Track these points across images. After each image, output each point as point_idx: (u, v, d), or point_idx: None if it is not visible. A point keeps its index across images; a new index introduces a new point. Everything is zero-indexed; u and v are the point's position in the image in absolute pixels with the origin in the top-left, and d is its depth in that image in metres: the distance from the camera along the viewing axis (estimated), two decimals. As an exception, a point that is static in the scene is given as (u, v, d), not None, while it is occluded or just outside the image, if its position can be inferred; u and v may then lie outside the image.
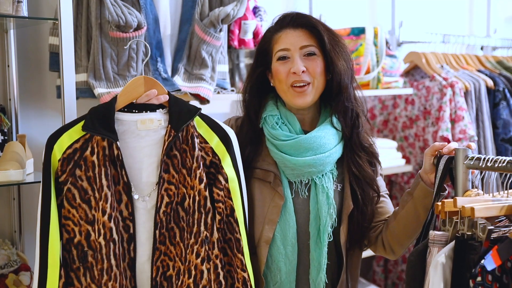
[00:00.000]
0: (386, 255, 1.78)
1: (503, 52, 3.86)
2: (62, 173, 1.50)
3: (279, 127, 1.69)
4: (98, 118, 1.53)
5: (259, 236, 1.66)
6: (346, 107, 1.70)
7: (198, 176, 1.55)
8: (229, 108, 2.74)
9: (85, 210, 1.50)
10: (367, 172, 1.71)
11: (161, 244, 1.56)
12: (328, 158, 1.67)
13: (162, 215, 1.55)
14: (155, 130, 1.59)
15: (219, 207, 1.57)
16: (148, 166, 1.58)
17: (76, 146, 1.51)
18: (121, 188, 1.54)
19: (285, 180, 1.69)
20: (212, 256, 1.55)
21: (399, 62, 2.96)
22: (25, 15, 1.83)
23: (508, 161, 1.43)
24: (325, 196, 1.67)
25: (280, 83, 1.69)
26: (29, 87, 2.18)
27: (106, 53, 1.96)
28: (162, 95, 1.60)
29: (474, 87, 3.12)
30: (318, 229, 1.66)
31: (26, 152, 1.93)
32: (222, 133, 1.60)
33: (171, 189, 1.56)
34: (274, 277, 1.67)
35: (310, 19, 1.70)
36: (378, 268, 3.31)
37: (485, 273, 1.30)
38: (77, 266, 1.50)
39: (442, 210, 1.43)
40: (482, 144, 3.11)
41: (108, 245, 1.49)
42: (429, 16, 3.63)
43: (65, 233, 1.50)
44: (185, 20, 2.17)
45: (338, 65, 1.66)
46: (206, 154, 1.58)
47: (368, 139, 1.76)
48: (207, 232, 1.55)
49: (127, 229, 1.54)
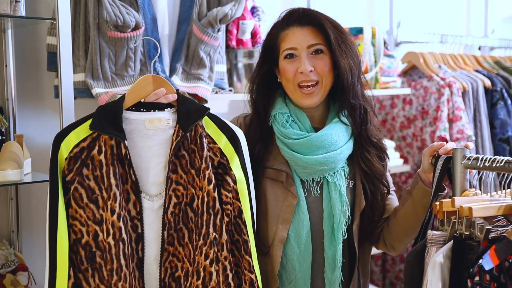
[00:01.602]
0: (387, 251, 1.79)
1: (500, 52, 3.87)
2: (69, 172, 1.48)
3: (289, 125, 1.68)
4: (106, 116, 1.51)
5: (273, 236, 1.66)
6: (353, 105, 1.69)
7: (207, 177, 1.53)
8: (227, 108, 2.74)
9: (92, 210, 1.48)
10: (376, 168, 1.71)
11: (169, 245, 1.55)
12: (340, 155, 1.66)
13: (170, 216, 1.54)
14: (163, 129, 1.57)
15: (227, 208, 1.55)
16: (155, 165, 1.56)
17: (83, 145, 1.50)
18: (129, 187, 1.53)
19: (297, 179, 1.68)
20: (221, 257, 1.54)
21: (397, 62, 2.97)
22: (23, 15, 1.82)
23: (505, 161, 1.44)
24: (338, 194, 1.66)
25: (287, 82, 1.68)
26: (27, 87, 2.18)
27: (104, 53, 1.96)
28: (170, 94, 1.59)
29: (471, 87, 3.12)
30: (332, 227, 1.66)
31: (24, 152, 1.93)
32: (230, 133, 1.58)
33: (179, 190, 1.55)
34: (289, 276, 1.67)
35: (317, 16, 1.68)
36: (376, 267, 3.31)
37: (483, 272, 1.30)
38: (85, 267, 1.48)
39: (440, 210, 1.43)
40: (479, 144, 3.12)
41: (118, 245, 1.48)
42: (427, 16, 3.63)
43: (72, 233, 1.48)
44: (183, 20, 2.17)
45: (344, 62, 1.65)
46: (214, 154, 1.57)
47: (377, 134, 1.76)
48: (216, 233, 1.53)
49: (135, 228, 1.53)
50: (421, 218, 1.63)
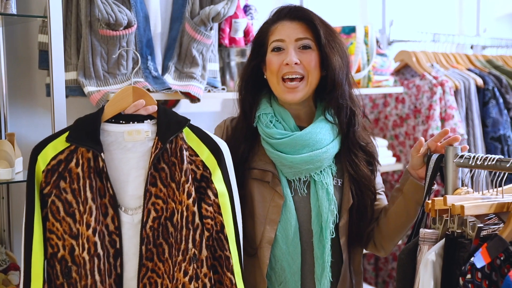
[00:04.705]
0: (377, 252, 1.78)
1: (492, 51, 3.88)
2: (46, 185, 1.46)
3: (273, 125, 1.67)
4: (84, 129, 1.49)
5: (260, 237, 1.64)
6: (340, 104, 1.68)
7: (187, 190, 1.49)
8: (220, 107, 2.74)
9: (69, 223, 1.45)
10: (363, 172, 1.69)
11: (148, 260, 1.51)
12: (325, 154, 1.65)
13: (149, 230, 1.51)
14: (143, 141, 1.54)
15: (208, 223, 1.51)
16: (134, 178, 1.53)
17: (61, 158, 1.47)
18: (107, 201, 1.49)
19: (283, 179, 1.67)
20: (201, 274, 1.49)
21: (390, 61, 2.97)
22: (14, 12, 1.81)
23: (497, 159, 1.44)
24: (325, 192, 1.65)
25: (271, 75, 1.67)
26: (18, 85, 2.16)
27: (96, 51, 1.95)
28: (150, 105, 1.56)
29: (464, 85, 3.13)
30: (321, 226, 1.65)
31: (15, 150, 1.92)
32: (213, 145, 1.54)
33: (159, 204, 1.51)
34: (278, 277, 1.66)
35: (307, 12, 1.69)
36: (369, 266, 3.32)
37: (475, 270, 1.30)
38: (61, 282, 1.46)
39: (432, 208, 1.43)
40: (471, 143, 3.13)
41: (92, 260, 1.44)
42: (419, 15, 3.64)
43: (49, 247, 1.45)
44: (175, 18, 2.16)
45: (333, 60, 1.64)
46: (197, 167, 1.53)
47: (365, 137, 1.74)
48: (196, 249, 1.49)
49: (114, 243, 1.50)
50: (412, 215, 1.63)
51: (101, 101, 1.88)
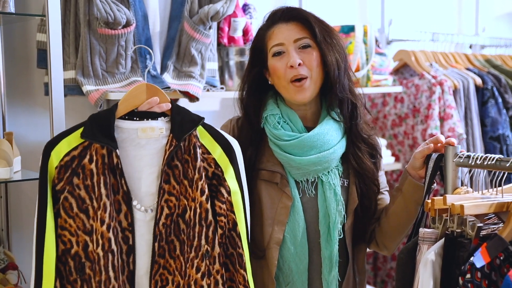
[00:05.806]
0: (380, 250, 1.79)
1: (491, 50, 3.88)
2: (59, 181, 1.45)
3: (281, 126, 1.67)
4: (98, 125, 1.48)
5: (269, 238, 1.64)
6: (341, 99, 1.68)
7: (200, 187, 1.50)
8: (219, 106, 2.73)
9: (82, 220, 1.45)
10: (366, 165, 1.69)
11: (160, 257, 1.52)
12: (333, 155, 1.65)
13: (162, 227, 1.51)
14: (156, 138, 1.55)
15: (221, 220, 1.52)
16: (148, 175, 1.53)
17: (74, 154, 1.47)
18: (120, 198, 1.50)
19: (291, 180, 1.66)
20: (213, 271, 1.50)
21: (389, 60, 2.97)
22: (12, 11, 1.81)
23: (497, 159, 1.44)
24: (332, 193, 1.65)
25: (279, 79, 1.67)
26: (17, 84, 2.16)
27: (95, 50, 1.95)
28: (164, 103, 1.57)
29: (462, 85, 3.13)
30: (328, 227, 1.65)
31: (14, 149, 1.91)
32: (225, 144, 1.55)
33: (172, 201, 1.52)
34: (286, 278, 1.66)
35: (301, 11, 1.69)
36: (368, 265, 3.32)
37: (474, 270, 1.30)
38: (74, 278, 1.45)
39: (432, 207, 1.43)
40: (470, 142, 3.13)
41: (106, 256, 1.45)
42: (418, 15, 3.64)
43: (61, 244, 1.45)
44: (174, 17, 2.16)
45: (330, 56, 1.64)
46: (209, 165, 1.54)
47: (367, 130, 1.74)
48: (208, 246, 1.50)
49: (126, 240, 1.50)
50: (413, 214, 1.63)
51: (99, 100, 1.88)
